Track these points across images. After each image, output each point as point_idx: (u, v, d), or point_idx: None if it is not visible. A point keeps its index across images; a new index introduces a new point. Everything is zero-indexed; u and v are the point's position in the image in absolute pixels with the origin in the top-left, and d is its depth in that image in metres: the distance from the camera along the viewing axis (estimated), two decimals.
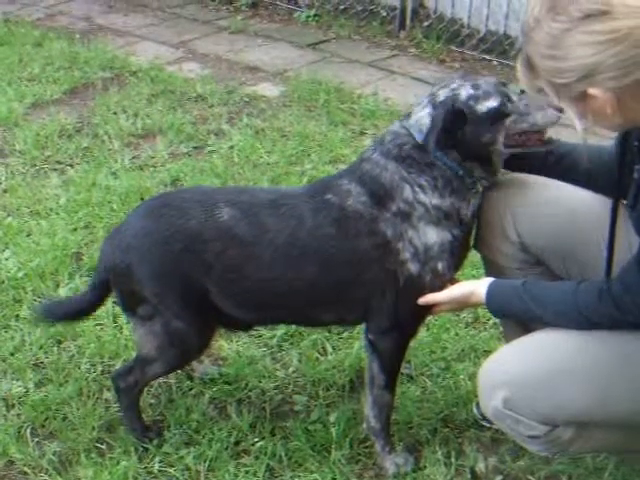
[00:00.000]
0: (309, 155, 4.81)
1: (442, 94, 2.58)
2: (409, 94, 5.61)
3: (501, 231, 2.67)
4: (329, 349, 3.43)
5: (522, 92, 2.55)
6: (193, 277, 2.72)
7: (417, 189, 2.60)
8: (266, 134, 5.05)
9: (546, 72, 2.08)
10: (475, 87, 2.56)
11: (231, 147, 4.91)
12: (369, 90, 5.66)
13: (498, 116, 2.54)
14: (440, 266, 2.63)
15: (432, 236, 2.61)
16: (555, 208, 2.63)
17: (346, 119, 5.24)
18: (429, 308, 2.71)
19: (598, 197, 2.59)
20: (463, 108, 2.53)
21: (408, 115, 2.67)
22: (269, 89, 5.75)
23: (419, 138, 2.58)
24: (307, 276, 2.68)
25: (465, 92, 2.55)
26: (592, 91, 2.02)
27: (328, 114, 5.30)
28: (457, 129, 2.53)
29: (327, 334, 3.46)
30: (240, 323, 2.92)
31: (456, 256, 2.66)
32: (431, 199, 2.60)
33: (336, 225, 2.65)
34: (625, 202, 2.42)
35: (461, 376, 3.23)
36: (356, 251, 2.64)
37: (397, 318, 2.70)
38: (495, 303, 2.55)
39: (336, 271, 2.67)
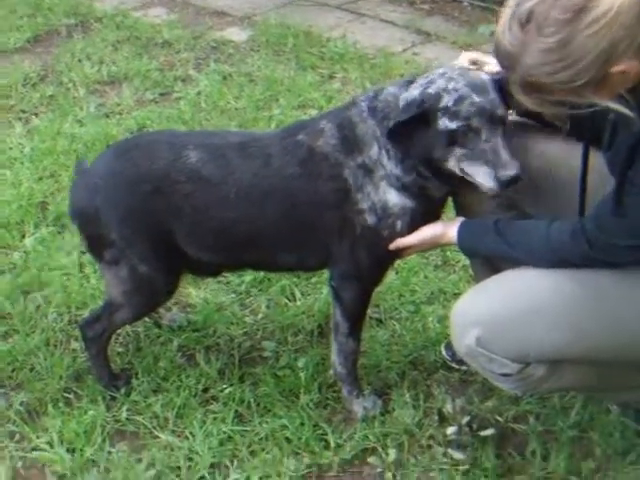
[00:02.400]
0: (277, 100, 4.75)
1: (434, 87, 2.44)
2: (378, 37, 5.55)
3: None
4: (298, 295, 3.41)
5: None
6: (161, 219, 2.70)
7: (384, 152, 2.56)
8: (234, 79, 4.99)
9: (562, 83, 2.01)
10: (461, 99, 2.39)
11: (198, 93, 4.84)
12: (338, 33, 5.58)
13: (453, 141, 2.42)
14: (399, 225, 2.61)
15: (392, 197, 2.58)
16: (529, 151, 2.59)
17: (315, 63, 5.17)
18: (391, 259, 2.71)
19: (569, 143, 2.56)
20: (429, 114, 2.42)
21: (410, 82, 2.56)
22: (237, 34, 5.66)
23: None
24: (269, 216, 2.67)
25: (447, 99, 2.41)
26: (616, 68, 1.97)
27: (297, 58, 5.23)
28: (416, 130, 2.46)
29: (296, 280, 3.44)
30: (206, 267, 2.90)
31: (418, 221, 2.61)
32: (393, 168, 2.56)
33: (301, 165, 2.63)
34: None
35: (430, 319, 3.22)
36: (317, 193, 2.62)
37: (357, 266, 2.68)
38: (466, 242, 2.54)
39: (297, 212, 2.65)
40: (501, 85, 2.40)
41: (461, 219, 2.56)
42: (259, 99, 4.75)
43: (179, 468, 2.72)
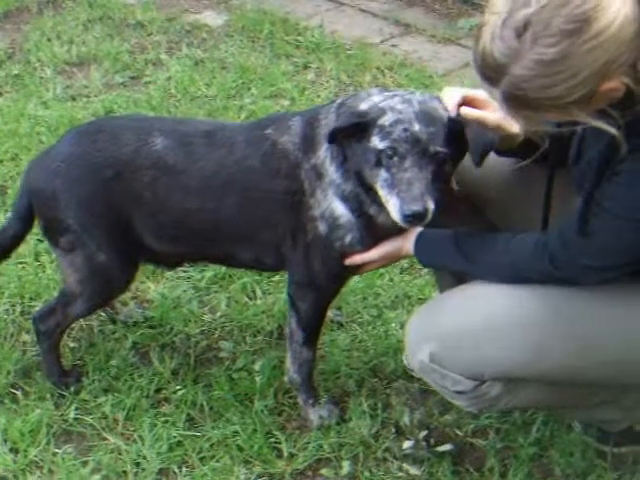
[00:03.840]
0: (249, 89, 4.63)
1: (386, 103, 2.33)
2: (356, 27, 5.42)
3: None
4: (259, 293, 3.32)
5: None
6: (120, 207, 2.62)
7: (328, 154, 2.46)
8: (206, 65, 4.85)
9: (552, 99, 1.87)
10: (398, 122, 2.28)
11: (168, 78, 4.71)
12: (315, 22, 5.45)
13: (380, 162, 2.31)
14: (348, 239, 2.51)
15: (338, 207, 2.48)
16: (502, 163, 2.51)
17: (290, 52, 5.05)
18: (346, 272, 2.62)
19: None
20: (367, 128, 2.31)
21: (389, 92, 2.45)
22: (212, 18, 5.51)
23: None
24: (227, 209, 2.58)
25: (387, 117, 2.30)
26: (606, 85, 1.86)
27: (272, 46, 5.10)
28: (353, 140, 2.36)
29: (258, 277, 3.35)
30: (165, 258, 2.82)
31: (368, 238, 2.51)
32: (333, 172, 2.45)
33: (262, 159, 2.54)
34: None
35: (392, 324, 3.14)
36: (273, 190, 2.53)
37: (311, 276, 2.60)
38: (424, 255, 2.46)
39: (252, 207, 2.57)
40: (461, 129, 2.29)
41: (419, 229, 2.44)
42: (231, 87, 4.63)
43: (126, 473, 2.63)
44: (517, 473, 2.58)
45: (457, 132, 2.30)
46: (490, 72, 1.94)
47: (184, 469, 2.64)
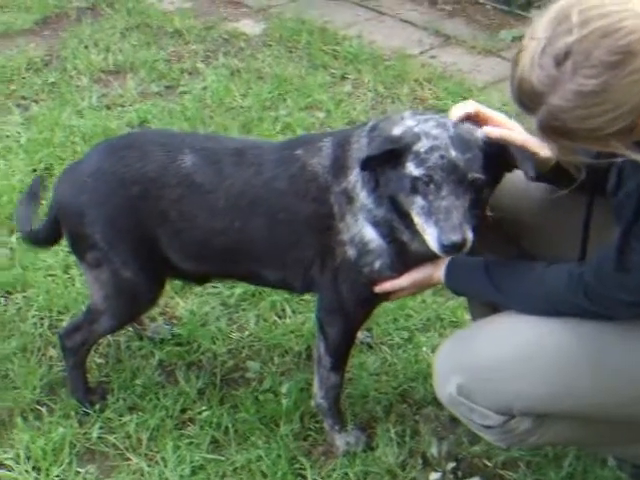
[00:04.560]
0: (285, 100, 4.59)
1: (421, 127, 2.26)
2: (395, 37, 5.38)
3: None
4: (288, 312, 3.27)
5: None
6: (146, 224, 2.59)
7: (359, 178, 2.40)
8: (242, 75, 4.82)
9: (591, 130, 1.81)
10: (435, 148, 2.21)
11: (204, 88, 4.68)
12: (354, 31, 5.41)
13: (416, 189, 2.24)
14: (377, 265, 2.45)
15: (368, 232, 2.42)
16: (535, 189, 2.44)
17: (327, 62, 5.01)
18: (376, 299, 2.55)
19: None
20: (402, 154, 2.24)
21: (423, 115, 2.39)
22: (250, 26, 5.48)
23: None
24: (252, 229, 2.54)
25: (423, 143, 2.23)
26: None
27: (309, 56, 5.07)
28: (388, 167, 2.29)
29: (288, 296, 3.29)
30: (190, 276, 2.80)
31: (398, 265, 2.45)
32: (365, 197, 2.39)
33: (290, 181, 2.49)
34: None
35: (424, 348, 3.07)
36: (300, 213, 2.48)
37: (340, 301, 2.54)
38: (454, 283, 2.40)
39: (279, 229, 2.51)
40: (498, 152, 2.22)
41: (450, 257, 2.37)
42: (266, 98, 4.59)
43: None
44: None
45: (494, 155, 2.23)
46: (527, 100, 1.88)
47: None
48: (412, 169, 2.23)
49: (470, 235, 2.20)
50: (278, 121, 4.37)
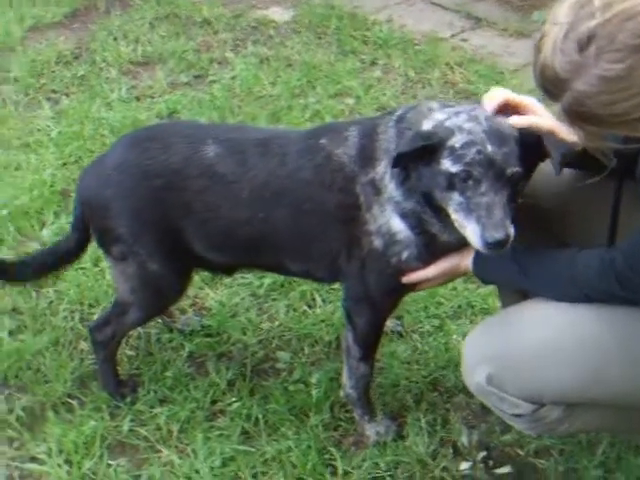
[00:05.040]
0: (314, 87, 4.56)
1: (452, 121, 2.23)
2: (426, 21, 5.32)
3: None
4: (319, 301, 3.26)
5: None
6: (171, 216, 2.58)
7: (388, 170, 2.36)
8: (271, 64, 4.80)
9: (618, 115, 1.78)
10: (471, 143, 2.17)
11: (233, 77, 4.67)
12: (384, 16, 5.35)
13: (452, 185, 2.20)
14: (405, 255, 2.42)
15: (396, 223, 2.39)
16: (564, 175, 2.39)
17: (357, 48, 4.97)
18: (403, 289, 2.52)
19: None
20: (436, 150, 2.20)
21: (449, 106, 2.36)
22: (279, 13, 5.45)
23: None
24: (277, 220, 2.52)
25: (457, 138, 2.18)
26: None
27: (338, 42, 5.03)
28: (420, 162, 2.25)
29: (317, 285, 3.27)
30: (217, 266, 2.79)
31: (426, 255, 2.42)
32: (393, 190, 2.36)
33: (316, 171, 2.46)
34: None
35: (454, 336, 3.05)
36: (326, 204, 2.45)
37: (367, 290, 2.51)
38: (482, 271, 2.37)
39: (303, 220, 2.49)
40: (533, 142, 2.18)
41: None
42: (295, 86, 4.56)
43: None
44: None
45: (529, 147, 2.19)
46: (551, 86, 1.84)
47: None
48: (448, 165, 2.19)
49: (512, 231, 2.16)
50: (307, 109, 4.35)
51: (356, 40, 5.06)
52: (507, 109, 2.26)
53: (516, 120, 2.21)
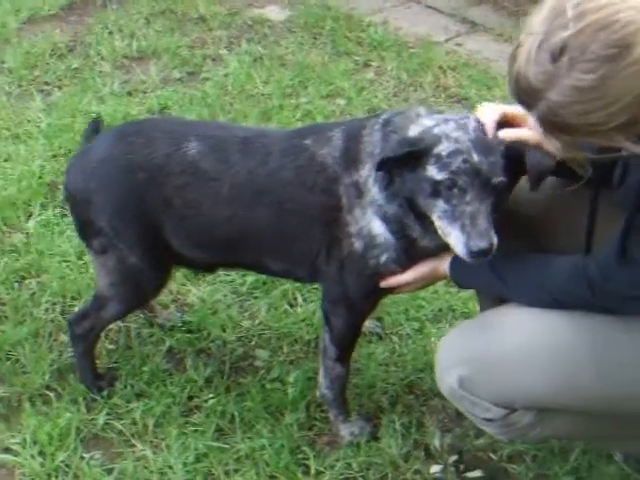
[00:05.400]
0: (306, 87, 4.56)
1: (440, 129, 2.23)
2: (421, 24, 5.32)
3: None
4: (300, 301, 3.26)
5: None
6: (152, 211, 2.59)
7: (371, 174, 2.36)
8: (264, 62, 4.80)
9: (592, 125, 1.79)
10: (457, 152, 2.18)
11: (226, 75, 4.67)
12: (380, 18, 5.35)
13: (437, 193, 2.21)
14: (384, 258, 2.43)
15: (376, 227, 2.40)
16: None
17: (351, 49, 4.97)
18: (381, 292, 2.53)
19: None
20: (422, 156, 2.21)
21: (438, 112, 2.39)
22: (276, 12, 5.45)
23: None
24: (257, 219, 2.52)
25: (444, 146, 2.19)
26: None
27: (333, 43, 5.03)
28: (405, 167, 2.25)
29: (299, 285, 3.28)
30: (196, 264, 2.79)
31: (404, 260, 2.43)
32: (376, 193, 2.36)
33: (297, 171, 2.47)
34: None
35: (433, 339, 3.04)
36: (307, 205, 2.46)
37: (345, 292, 2.52)
38: (459, 277, 2.39)
39: (284, 220, 2.50)
40: (517, 155, 2.19)
41: None
42: (287, 85, 4.57)
43: None
44: None
45: (514, 157, 2.20)
46: (525, 96, 1.86)
47: None
48: (434, 173, 2.20)
49: (495, 240, 2.17)
50: (298, 109, 4.35)
51: (351, 41, 5.07)
52: (504, 123, 2.26)
53: (505, 134, 2.22)
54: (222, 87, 4.56)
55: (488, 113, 2.26)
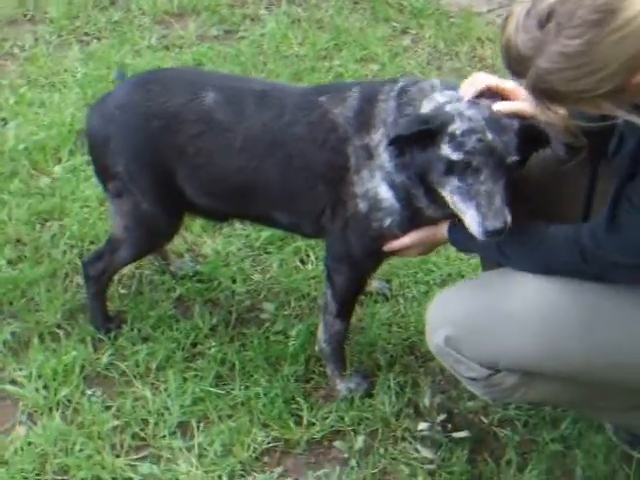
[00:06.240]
0: (340, 51, 4.56)
1: (453, 106, 2.22)
2: None
3: None
4: (312, 258, 3.29)
5: None
6: (165, 158, 2.64)
7: (383, 140, 2.37)
8: (302, 24, 4.79)
9: (581, 92, 1.78)
10: (471, 131, 2.17)
11: (262, 35, 4.68)
12: None
13: (451, 171, 2.21)
14: (387, 222, 2.45)
15: (383, 191, 2.42)
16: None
17: (391, 15, 4.95)
18: (383, 253, 2.55)
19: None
20: (435, 134, 2.20)
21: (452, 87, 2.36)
22: None
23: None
24: (267, 171, 2.56)
25: (458, 125, 2.18)
26: (638, 78, 1.75)
27: (373, 9, 5.00)
28: (418, 144, 2.26)
29: (313, 242, 3.31)
30: (207, 213, 2.85)
31: (408, 224, 2.45)
32: (386, 160, 2.38)
33: (309, 127, 2.49)
34: None
35: None
36: (316, 161, 2.49)
37: (348, 251, 2.56)
38: (457, 241, 2.41)
39: (293, 174, 2.53)
40: (529, 131, 2.19)
41: None
42: (322, 48, 4.57)
43: (146, 422, 2.66)
44: (535, 469, 2.50)
45: (527, 136, 2.20)
46: (515, 64, 1.86)
47: (202, 425, 2.65)
48: (448, 152, 2.20)
49: (509, 218, 2.19)
50: (331, 71, 4.36)
51: (392, 8, 5.04)
52: (492, 94, 2.26)
53: (499, 106, 2.22)
54: (257, 46, 4.58)
55: (472, 82, 2.26)
